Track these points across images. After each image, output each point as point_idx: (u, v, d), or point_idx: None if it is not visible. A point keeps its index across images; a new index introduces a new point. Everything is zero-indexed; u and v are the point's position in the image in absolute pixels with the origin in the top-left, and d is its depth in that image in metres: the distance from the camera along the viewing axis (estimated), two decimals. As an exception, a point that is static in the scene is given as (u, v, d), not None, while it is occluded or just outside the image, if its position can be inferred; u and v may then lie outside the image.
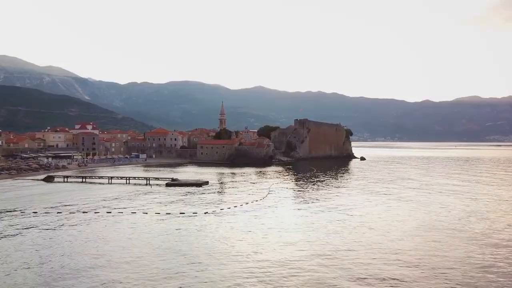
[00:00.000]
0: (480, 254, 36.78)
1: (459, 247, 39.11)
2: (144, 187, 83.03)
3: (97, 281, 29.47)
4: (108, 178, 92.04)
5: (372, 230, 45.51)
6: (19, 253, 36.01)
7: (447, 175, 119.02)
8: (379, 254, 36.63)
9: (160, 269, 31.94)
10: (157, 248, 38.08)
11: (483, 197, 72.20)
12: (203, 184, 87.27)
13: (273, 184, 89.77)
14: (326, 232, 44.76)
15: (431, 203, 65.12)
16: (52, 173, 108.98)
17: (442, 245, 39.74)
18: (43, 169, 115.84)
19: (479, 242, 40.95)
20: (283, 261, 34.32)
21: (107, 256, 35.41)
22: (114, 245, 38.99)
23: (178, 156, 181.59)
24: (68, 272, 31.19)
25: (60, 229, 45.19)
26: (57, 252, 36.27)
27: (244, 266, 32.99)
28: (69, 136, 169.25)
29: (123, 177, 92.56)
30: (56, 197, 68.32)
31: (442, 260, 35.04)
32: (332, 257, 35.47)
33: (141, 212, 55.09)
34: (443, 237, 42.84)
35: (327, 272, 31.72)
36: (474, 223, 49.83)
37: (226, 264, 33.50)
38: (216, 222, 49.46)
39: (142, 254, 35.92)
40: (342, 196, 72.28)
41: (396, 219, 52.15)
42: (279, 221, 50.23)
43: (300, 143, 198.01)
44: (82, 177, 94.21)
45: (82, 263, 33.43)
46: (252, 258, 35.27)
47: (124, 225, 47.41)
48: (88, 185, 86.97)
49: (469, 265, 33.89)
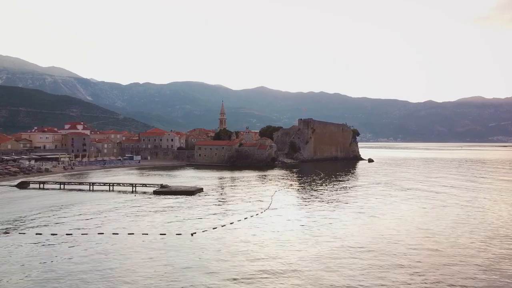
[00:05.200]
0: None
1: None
2: (126, 196, 71.77)
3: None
4: (89, 185, 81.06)
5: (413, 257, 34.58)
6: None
7: (478, 182, 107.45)
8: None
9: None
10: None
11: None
12: (197, 191, 76.09)
13: (277, 191, 78.48)
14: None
15: (473, 218, 53.98)
16: (31, 177, 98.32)
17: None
18: (22, 173, 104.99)
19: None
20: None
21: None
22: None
23: (175, 158, 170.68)
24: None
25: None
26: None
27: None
28: (57, 137, 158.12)
29: (106, 184, 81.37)
30: (8, 208, 57.67)
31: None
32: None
33: (96, 232, 43.16)
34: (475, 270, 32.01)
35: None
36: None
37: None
38: (205, 247, 38.13)
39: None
40: (361, 208, 60.84)
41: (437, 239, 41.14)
42: (284, 247, 38.83)
43: (304, 144, 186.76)
44: (60, 183, 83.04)
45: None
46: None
47: (42, 252, 36.15)
48: (66, 192, 75.91)
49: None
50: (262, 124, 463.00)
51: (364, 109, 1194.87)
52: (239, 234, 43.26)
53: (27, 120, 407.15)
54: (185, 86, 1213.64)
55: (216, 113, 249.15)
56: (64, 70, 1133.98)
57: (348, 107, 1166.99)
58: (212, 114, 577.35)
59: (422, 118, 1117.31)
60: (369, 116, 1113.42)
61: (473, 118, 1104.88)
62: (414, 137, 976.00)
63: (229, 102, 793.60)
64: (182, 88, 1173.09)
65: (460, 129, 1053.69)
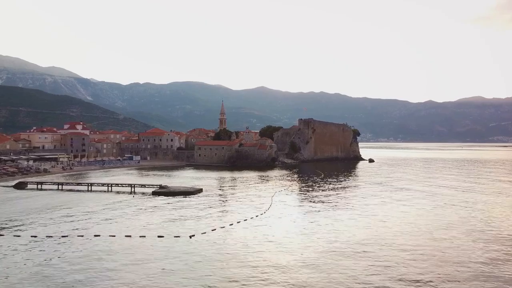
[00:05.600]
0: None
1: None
2: (125, 196, 70.97)
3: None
4: (87, 185, 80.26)
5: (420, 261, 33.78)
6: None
7: (481, 182, 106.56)
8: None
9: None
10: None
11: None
12: (196, 192, 75.29)
13: (277, 192, 77.64)
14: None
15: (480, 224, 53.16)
16: (29, 178, 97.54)
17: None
18: (21, 173, 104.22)
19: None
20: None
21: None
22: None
23: (175, 158, 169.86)
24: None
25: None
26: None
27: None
28: (56, 137, 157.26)
29: (105, 184, 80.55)
30: (3, 209, 56.84)
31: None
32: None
33: (92, 234, 42.19)
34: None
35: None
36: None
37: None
38: (204, 249, 37.36)
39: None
40: (362, 209, 60.05)
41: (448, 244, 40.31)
42: (284, 251, 38.05)
43: (304, 144, 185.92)
44: (58, 184, 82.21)
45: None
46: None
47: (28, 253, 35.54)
48: (64, 193, 75.13)
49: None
50: (262, 124, 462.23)
51: (364, 109, 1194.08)
52: (239, 236, 42.41)
53: (27, 120, 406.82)
54: (185, 86, 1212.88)
55: (216, 113, 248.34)
56: (64, 70, 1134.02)
57: (348, 107, 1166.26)
58: (212, 114, 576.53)
59: (422, 118, 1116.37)
60: (369, 116, 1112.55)
61: (474, 118, 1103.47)
62: (414, 137, 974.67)
63: (229, 102, 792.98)
64: (182, 88, 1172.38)
65: (460, 129, 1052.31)
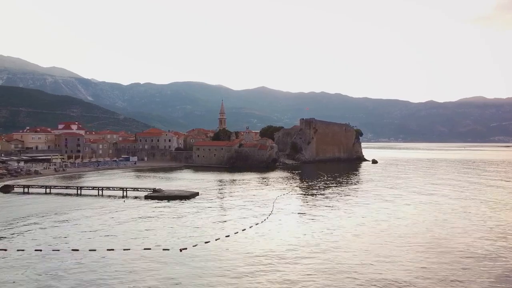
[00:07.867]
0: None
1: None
2: (115, 201, 66.17)
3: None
4: (76, 189, 75.52)
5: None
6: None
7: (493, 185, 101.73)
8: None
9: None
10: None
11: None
12: (192, 196, 70.61)
13: (278, 197, 72.77)
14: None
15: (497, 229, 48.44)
16: (18, 180, 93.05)
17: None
18: (10, 175, 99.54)
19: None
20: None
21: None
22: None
23: (173, 159, 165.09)
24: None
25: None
26: None
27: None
28: (51, 137, 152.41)
29: (95, 188, 75.80)
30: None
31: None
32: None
33: (69, 248, 37.37)
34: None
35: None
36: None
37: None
38: (194, 266, 32.66)
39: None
40: (367, 215, 55.23)
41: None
42: (288, 268, 33.42)
43: (306, 144, 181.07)
44: (46, 187, 77.45)
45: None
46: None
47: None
48: (50, 197, 70.46)
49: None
50: (262, 124, 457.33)
51: (365, 109, 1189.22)
52: (234, 250, 37.61)
53: (28, 120, 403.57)
54: (186, 86, 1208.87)
55: (217, 113, 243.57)
56: (65, 71, 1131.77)
57: (349, 107, 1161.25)
58: (213, 114, 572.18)
59: (423, 118, 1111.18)
60: (370, 116, 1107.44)
61: (474, 118, 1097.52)
62: (415, 137, 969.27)
63: (230, 102, 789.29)
64: (182, 88, 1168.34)
65: (461, 129, 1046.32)
